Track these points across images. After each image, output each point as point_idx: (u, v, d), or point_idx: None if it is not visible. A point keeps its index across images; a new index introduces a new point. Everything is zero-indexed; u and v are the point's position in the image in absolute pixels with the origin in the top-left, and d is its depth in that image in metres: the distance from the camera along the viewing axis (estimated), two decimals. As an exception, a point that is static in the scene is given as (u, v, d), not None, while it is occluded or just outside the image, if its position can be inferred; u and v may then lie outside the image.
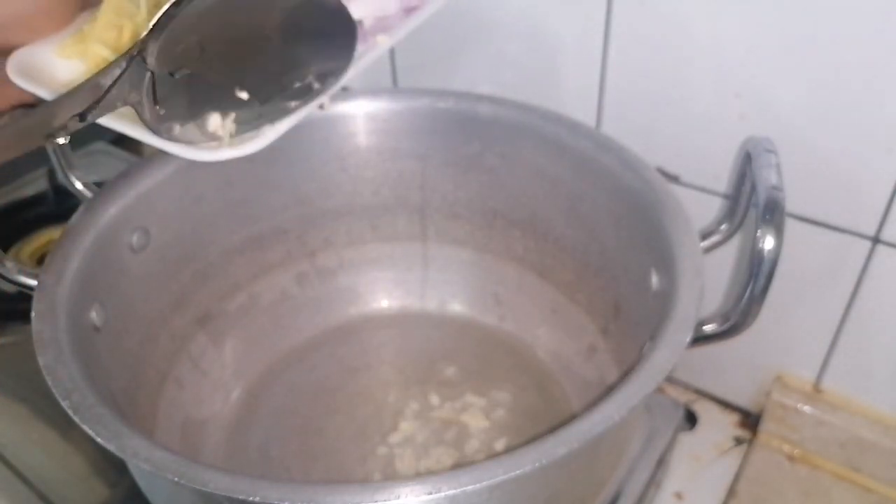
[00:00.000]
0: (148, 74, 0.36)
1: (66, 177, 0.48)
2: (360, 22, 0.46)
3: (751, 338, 0.41)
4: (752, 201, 0.42)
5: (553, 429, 0.32)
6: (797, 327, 0.53)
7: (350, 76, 0.43)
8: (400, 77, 0.63)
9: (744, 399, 0.59)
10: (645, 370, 0.34)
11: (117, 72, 0.36)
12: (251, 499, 0.29)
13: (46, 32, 0.40)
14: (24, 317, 0.38)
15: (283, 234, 0.56)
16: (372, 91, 0.54)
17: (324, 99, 0.42)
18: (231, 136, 0.39)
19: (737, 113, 0.48)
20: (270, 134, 0.39)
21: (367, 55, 0.44)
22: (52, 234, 0.70)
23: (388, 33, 0.45)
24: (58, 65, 0.40)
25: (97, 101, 0.36)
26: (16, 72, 0.39)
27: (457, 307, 0.60)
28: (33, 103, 0.40)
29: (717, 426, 0.58)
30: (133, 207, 0.46)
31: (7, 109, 0.42)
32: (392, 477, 0.50)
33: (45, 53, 0.40)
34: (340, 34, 0.41)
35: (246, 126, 0.40)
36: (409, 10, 0.46)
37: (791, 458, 0.55)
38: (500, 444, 0.52)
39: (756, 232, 0.37)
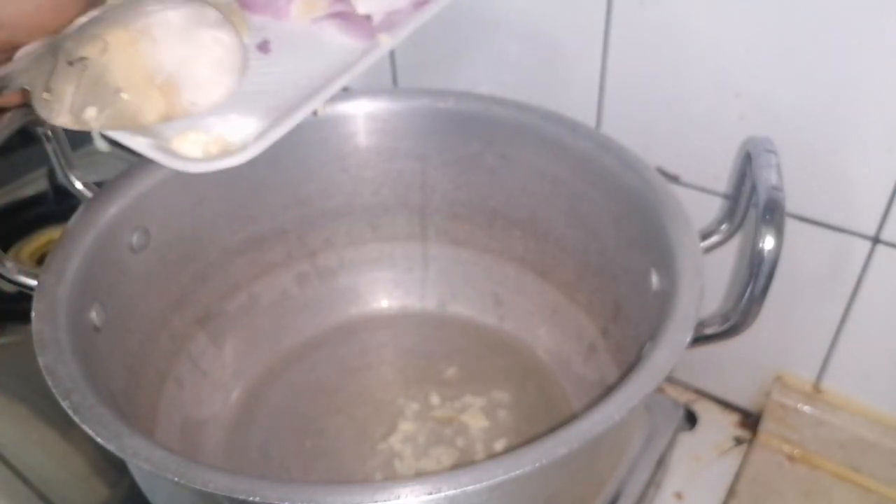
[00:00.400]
0: (52, 64, 0.39)
1: (66, 177, 0.48)
2: (369, 17, 0.45)
3: (751, 338, 0.41)
4: (752, 201, 0.42)
5: (553, 429, 0.32)
6: (797, 327, 0.53)
7: (353, 75, 0.43)
8: (400, 77, 0.63)
9: (744, 399, 0.59)
10: (645, 370, 0.34)
11: (30, 60, 0.39)
12: (251, 499, 0.29)
13: (52, 30, 0.40)
14: (24, 317, 0.38)
15: (283, 234, 0.56)
16: (372, 91, 0.54)
17: (317, 105, 0.42)
18: (100, 129, 0.40)
19: (737, 113, 0.48)
20: (262, 143, 0.39)
21: (370, 54, 0.43)
22: (52, 234, 0.70)
23: (391, 32, 0.44)
24: None
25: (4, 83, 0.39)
26: None
27: (457, 307, 0.60)
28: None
29: (717, 426, 0.58)
30: (133, 207, 0.46)
31: (14, 106, 0.42)
32: (392, 477, 0.50)
33: None
34: None
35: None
36: (418, 5, 0.46)
37: (791, 458, 0.55)
38: (500, 444, 0.52)
39: (756, 232, 0.37)
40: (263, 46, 0.45)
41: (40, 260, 0.66)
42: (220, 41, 0.42)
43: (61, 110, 0.39)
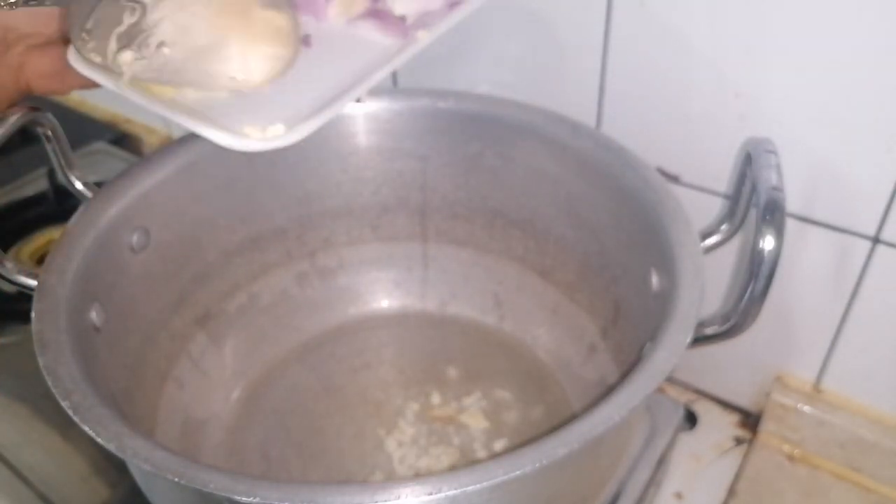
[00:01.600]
0: None
1: (66, 177, 0.48)
2: (404, 18, 0.46)
3: (751, 338, 0.41)
4: (752, 201, 0.42)
5: (553, 429, 0.32)
6: (797, 327, 0.53)
7: (393, 67, 0.43)
8: (400, 77, 0.63)
9: (744, 399, 0.59)
10: (645, 370, 0.34)
11: None
12: (251, 499, 0.29)
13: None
14: (24, 317, 0.38)
15: (283, 234, 0.56)
16: (372, 91, 0.53)
17: (360, 93, 0.42)
18: (129, 78, 0.40)
19: (737, 113, 0.48)
20: (309, 124, 0.39)
21: (409, 49, 0.44)
22: (52, 234, 0.70)
23: (428, 29, 0.45)
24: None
25: None
26: (76, 58, 0.41)
27: (457, 307, 0.60)
28: (92, 86, 0.42)
29: (717, 426, 0.58)
30: (133, 207, 0.46)
31: (68, 92, 0.44)
32: (392, 477, 0.50)
33: None
34: None
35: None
36: (452, 6, 0.46)
37: (791, 458, 0.55)
38: (500, 444, 0.52)
39: (756, 232, 0.37)
40: (305, 40, 0.45)
41: (40, 260, 0.66)
42: (276, 23, 0.41)
43: (96, 46, 0.39)
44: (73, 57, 0.41)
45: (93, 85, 0.42)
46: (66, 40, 0.41)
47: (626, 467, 0.50)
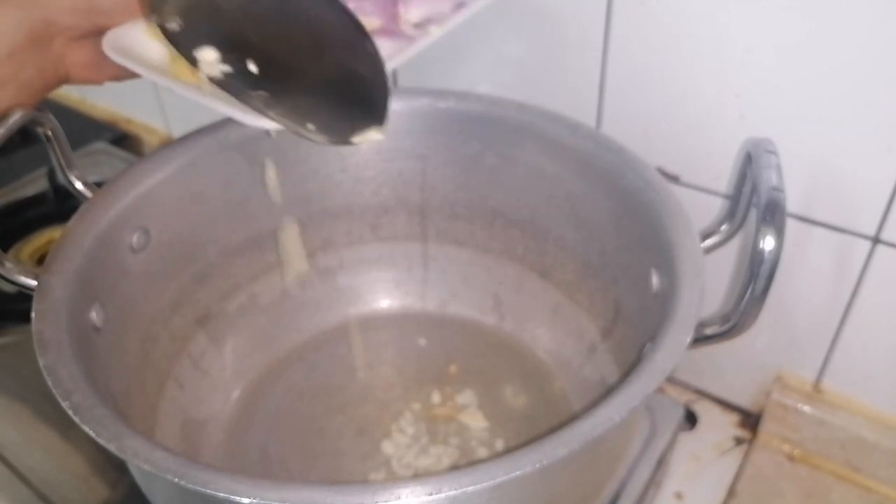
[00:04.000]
0: None
1: (66, 177, 0.48)
2: (419, 25, 0.47)
3: (751, 338, 0.41)
4: (752, 202, 0.42)
5: (553, 429, 0.32)
6: (797, 327, 0.53)
7: (403, 59, 0.44)
8: (400, 77, 0.63)
9: (744, 399, 0.59)
10: (645, 371, 0.34)
11: None
12: (251, 499, 0.29)
13: (140, 15, 0.44)
14: (24, 317, 0.38)
15: (283, 233, 0.56)
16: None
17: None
18: (204, 78, 0.41)
19: (737, 113, 0.48)
20: None
21: (418, 42, 0.44)
22: (52, 234, 0.70)
23: (440, 24, 0.45)
24: (147, 43, 0.44)
25: None
26: (111, 48, 0.42)
27: (457, 307, 0.60)
28: (126, 77, 0.44)
29: (717, 426, 0.58)
30: (133, 207, 0.46)
31: (103, 82, 0.46)
32: (392, 477, 0.50)
33: (137, 33, 0.44)
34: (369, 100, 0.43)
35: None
36: (458, 6, 0.47)
37: (791, 458, 0.55)
38: (499, 444, 0.52)
39: (756, 232, 0.37)
40: None
41: (40, 260, 0.67)
42: None
43: (180, 32, 0.41)
44: (108, 47, 0.42)
45: (128, 75, 0.43)
46: (101, 33, 0.43)
47: (626, 467, 0.50)
